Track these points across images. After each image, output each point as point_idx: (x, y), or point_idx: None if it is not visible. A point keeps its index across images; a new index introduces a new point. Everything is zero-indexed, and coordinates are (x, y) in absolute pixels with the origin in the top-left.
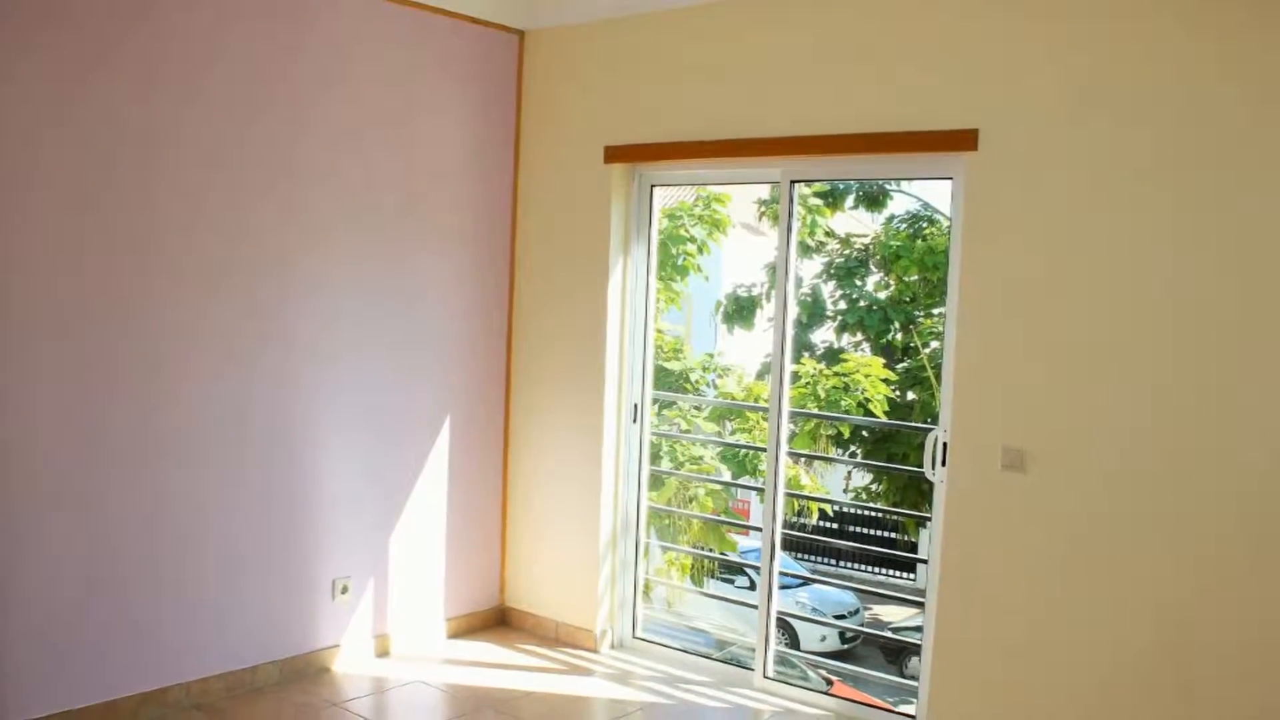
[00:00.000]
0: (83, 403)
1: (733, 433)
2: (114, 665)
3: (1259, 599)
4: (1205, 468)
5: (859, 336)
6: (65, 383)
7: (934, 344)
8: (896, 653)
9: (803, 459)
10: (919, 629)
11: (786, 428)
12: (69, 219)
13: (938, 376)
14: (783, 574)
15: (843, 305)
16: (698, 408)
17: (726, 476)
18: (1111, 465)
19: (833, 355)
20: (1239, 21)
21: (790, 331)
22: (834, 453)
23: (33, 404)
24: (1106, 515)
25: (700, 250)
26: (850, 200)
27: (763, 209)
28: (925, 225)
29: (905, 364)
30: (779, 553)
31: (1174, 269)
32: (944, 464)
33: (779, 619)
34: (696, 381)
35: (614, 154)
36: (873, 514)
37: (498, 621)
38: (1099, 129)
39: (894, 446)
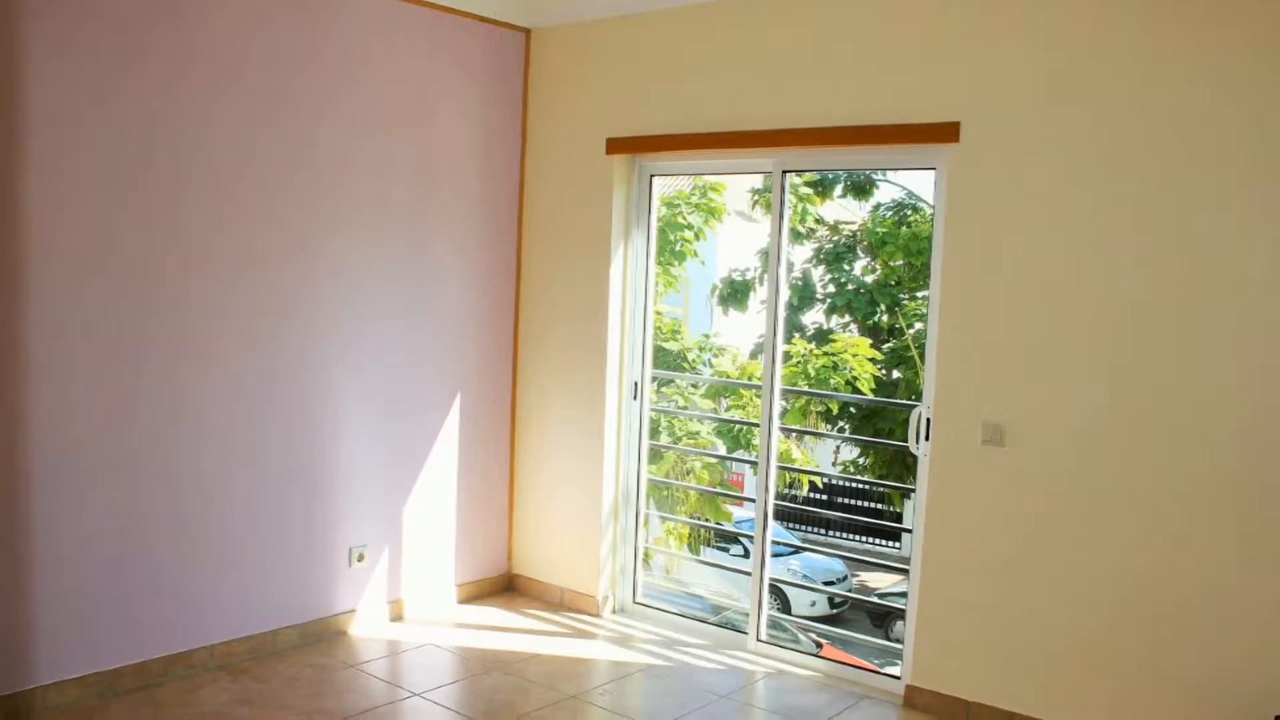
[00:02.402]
0: (115, 379)
1: (727, 409)
2: (143, 628)
3: (1219, 563)
4: (1171, 441)
5: (847, 318)
6: (99, 359)
7: (918, 325)
8: (882, 617)
9: (794, 434)
10: (904, 594)
11: (779, 404)
12: (103, 206)
13: (921, 356)
14: (775, 543)
15: (832, 289)
16: (695, 385)
17: (722, 450)
18: (1085, 439)
19: (822, 336)
20: (1206, 21)
21: (782, 313)
22: (823, 428)
23: (69, 380)
24: (1080, 487)
25: (697, 236)
26: (839, 189)
27: (756, 197)
28: (910, 213)
29: (891, 344)
30: (771, 522)
31: (1142, 255)
32: (927, 439)
33: (771, 585)
34: (693, 361)
35: (615, 145)
36: (860, 486)
37: (505, 588)
38: (1072, 122)
39: (880, 422)
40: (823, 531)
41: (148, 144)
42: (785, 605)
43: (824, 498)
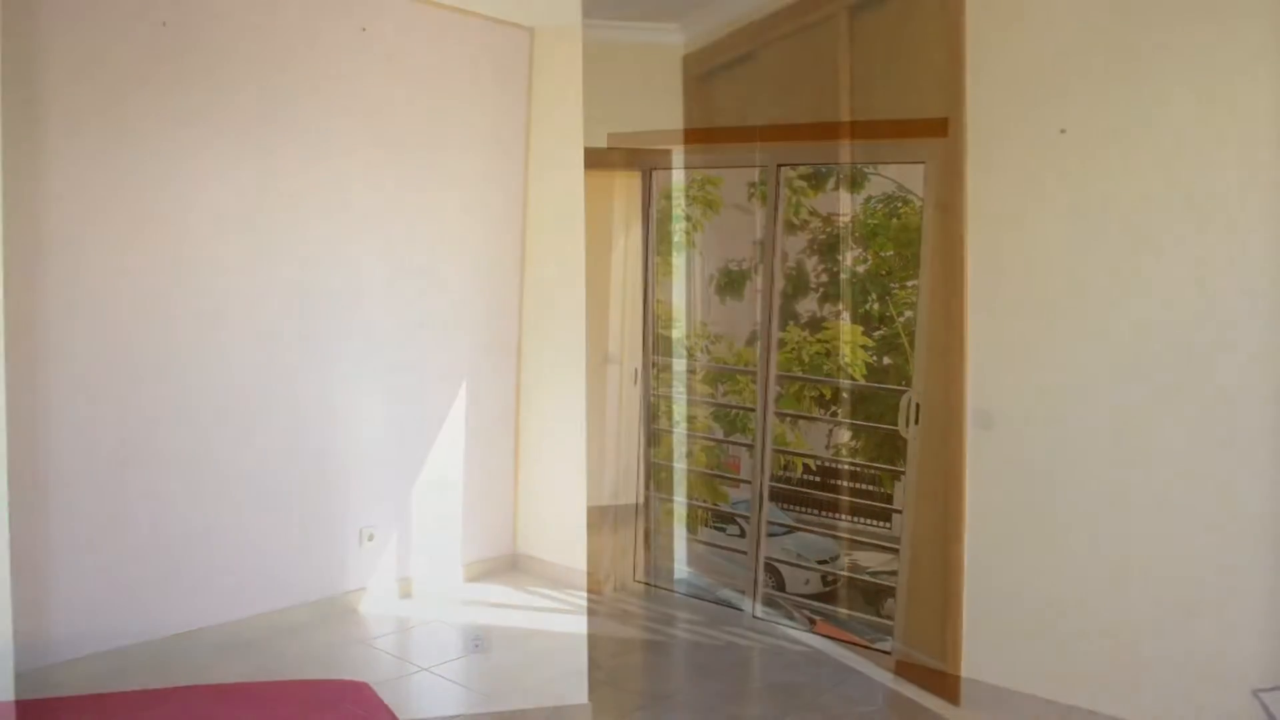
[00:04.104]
0: (127, 362)
1: (724, 394)
2: (159, 606)
3: (1203, 544)
4: (1159, 424)
5: (839, 306)
6: (117, 355)
7: (908, 313)
8: (873, 594)
9: (788, 418)
10: (894, 573)
11: (773, 389)
12: (119, 210)
13: (911, 343)
14: (770, 523)
15: (824, 278)
16: (693, 371)
17: (719, 434)
18: (1070, 424)
19: (815, 323)
20: (1194, 15)
21: (777, 302)
22: (816, 412)
23: (82, 366)
24: (1066, 469)
25: (695, 228)
26: (831, 182)
27: (752, 190)
28: (900, 205)
29: (882, 331)
30: (766, 503)
31: (1122, 244)
32: (917, 423)
33: (767, 564)
34: (691, 348)
35: (616, 141)
36: (852, 468)
37: (510, 566)
38: (1060, 117)
39: (871, 407)
40: (816, 512)
41: (166, 141)
42: (780, 583)
43: (817, 479)
